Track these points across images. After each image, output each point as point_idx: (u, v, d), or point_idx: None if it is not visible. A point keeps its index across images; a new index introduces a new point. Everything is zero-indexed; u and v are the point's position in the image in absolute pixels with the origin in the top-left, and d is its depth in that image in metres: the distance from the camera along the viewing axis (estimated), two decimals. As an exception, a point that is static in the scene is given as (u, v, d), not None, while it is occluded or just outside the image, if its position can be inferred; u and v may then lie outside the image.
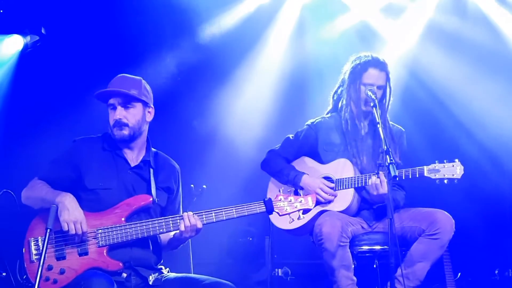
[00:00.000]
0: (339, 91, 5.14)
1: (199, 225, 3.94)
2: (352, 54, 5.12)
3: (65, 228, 3.83)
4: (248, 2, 7.10)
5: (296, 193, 4.93)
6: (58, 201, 3.88)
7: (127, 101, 4.08)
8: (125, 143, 4.13)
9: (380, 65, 4.97)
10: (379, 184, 4.65)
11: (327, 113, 5.23)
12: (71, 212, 3.86)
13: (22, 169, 5.73)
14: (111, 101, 4.10)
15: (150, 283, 3.98)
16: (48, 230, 3.60)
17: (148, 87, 4.21)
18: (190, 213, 3.96)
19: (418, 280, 4.71)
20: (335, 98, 5.19)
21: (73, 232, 3.84)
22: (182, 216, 3.96)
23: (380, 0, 7.09)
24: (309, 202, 3.99)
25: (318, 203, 4.77)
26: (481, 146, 6.66)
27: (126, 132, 4.07)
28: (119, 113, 4.06)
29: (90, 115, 6.09)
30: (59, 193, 3.94)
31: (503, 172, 6.64)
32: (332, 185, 4.89)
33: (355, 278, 4.75)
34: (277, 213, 3.98)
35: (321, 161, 5.06)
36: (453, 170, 4.63)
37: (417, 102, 6.81)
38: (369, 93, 4.84)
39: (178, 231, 3.97)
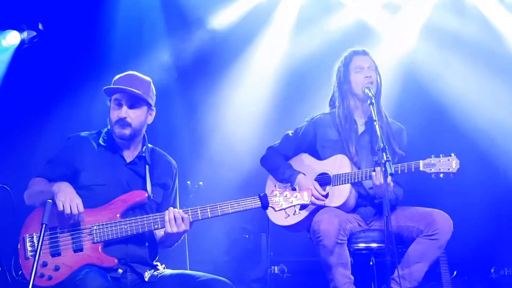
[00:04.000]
0: (335, 96, 5.17)
1: (186, 224, 3.90)
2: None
3: (61, 208, 3.79)
4: (246, 0, 7.10)
5: (292, 188, 4.93)
6: (54, 187, 3.87)
7: (135, 101, 4.06)
8: (124, 142, 4.12)
9: (362, 52, 5.11)
10: (380, 175, 4.62)
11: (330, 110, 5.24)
12: (67, 193, 3.84)
13: (17, 165, 5.75)
14: (117, 96, 4.06)
15: (146, 279, 3.97)
16: (44, 225, 3.59)
17: (154, 89, 4.20)
18: (176, 209, 3.94)
19: (415, 281, 4.71)
20: (331, 104, 5.22)
21: (69, 211, 3.80)
22: None
23: (377, -3, 7.11)
24: (305, 197, 3.99)
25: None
26: (477, 144, 6.66)
27: (127, 131, 4.06)
28: (125, 112, 4.04)
29: (86, 112, 6.09)
30: (55, 183, 3.93)
31: (499, 170, 6.65)
32: (324, 193, 4.88)
33: (352, 277, 4.73)
34: (273, 208, 3.97)
35: (319, 157, 5.07)
36: (449, 164, 4.62)
37: (415, 99, 6.81)
38: (366, 90, 4.84)
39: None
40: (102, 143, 4.14)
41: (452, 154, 4.65)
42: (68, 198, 3.82)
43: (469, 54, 6.84)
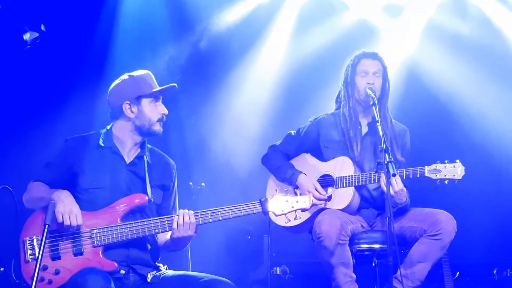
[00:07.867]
0: (341, 94, 5.15)
1: (193, 227, 3.90)
2: (348, 56, 5.14)
3: (60, 219, 3.79)
4: (247, 1, 7.10)
5: (293, 193, 4.92)
6: (54, 196, 3.86)
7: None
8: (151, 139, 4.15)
9: (372, 55, 5.05)
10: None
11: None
12: (66, 204, 3.83)
13: (20, 166, 5.74)
14: (157, 94, 4.10)
15: (149, 280, 3.97)
16: (46, 226, 3.59)
17: None
18: (191, 211, 3.93)
19: (418, 281, 4.71)
20: (338, 101, 5.19)
21: (68, 223, 3.80)
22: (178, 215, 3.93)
23: (380, -1, 7.11)
24: (306, 202, 3.98)
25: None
26: (479, 146, 6.65)
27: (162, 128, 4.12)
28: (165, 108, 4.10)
29: (89, 113, 6.09)
30: (56, 190, 3.92)
31: (502, 172, 6.64)
32: (324, 193, 4.86)
33: (354, 275, 4.73)
34: (273, 213, 3.96)
35: (322, 158, 5.06)
36: (454, 170, 4.61)
37: (418, 101, 6.80)
38: (369, 91, 4.84)
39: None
40: (102, 144, 4.10)
41: (457, 161, 4.63)
42: (67, 209, 3.82)
43: (472, 56, 6.83)
